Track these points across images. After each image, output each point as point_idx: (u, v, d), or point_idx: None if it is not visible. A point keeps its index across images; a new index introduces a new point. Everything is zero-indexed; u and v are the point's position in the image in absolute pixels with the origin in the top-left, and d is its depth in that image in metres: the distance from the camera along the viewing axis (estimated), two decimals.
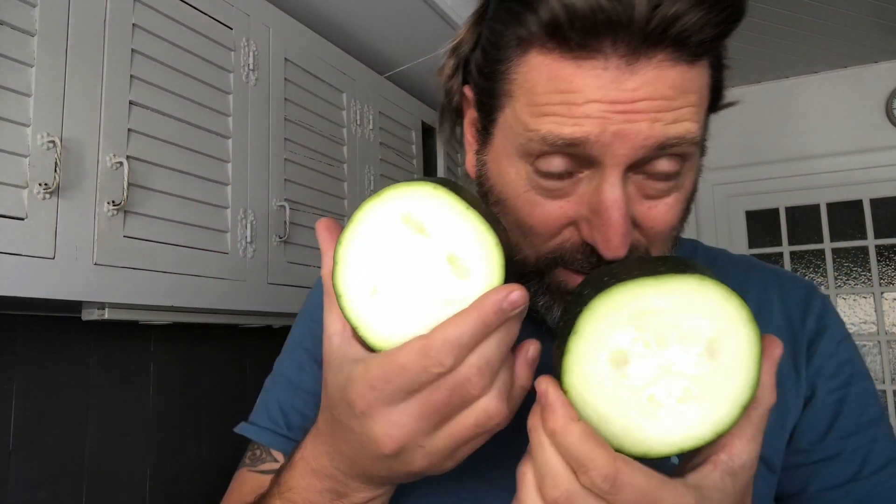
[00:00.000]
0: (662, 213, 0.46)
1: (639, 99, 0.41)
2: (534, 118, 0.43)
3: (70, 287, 0.90)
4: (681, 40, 0.41)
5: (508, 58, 0.45)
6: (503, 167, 0.47)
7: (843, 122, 2.90)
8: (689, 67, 0.43)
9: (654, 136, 0.42)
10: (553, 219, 0.45)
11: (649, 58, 0.41)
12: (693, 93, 0.43)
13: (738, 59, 2.77)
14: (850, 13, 2.41)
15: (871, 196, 2.85)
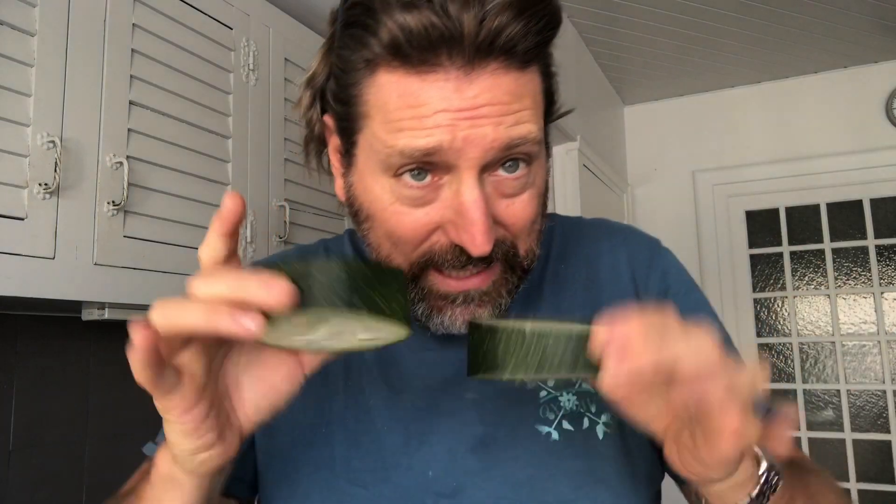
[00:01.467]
0: (521, 209, 0.50)
1: (480, 105, 0.45)
2: (390, 134, 0.46)
3: (70, 287, 0.90)
4: (508, 49, 0.45)
5: (359, 81, 0.48)
6: (368, 185, 0.50)
7: (843, 122, 2.90)
8: (521, 73, 0.47)
9: (500, 138, 0.46)
10: (420, 226, 0.49)
11: (483, 67, 0.45)
12: (528, 96, 0.48)
13: (738, 59, 2.77)
14: (850, 13, 2.41)
15: (871, 196, 2.85)
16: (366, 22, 0.46)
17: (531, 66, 0.48)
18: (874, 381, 2.78)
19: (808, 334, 2.90)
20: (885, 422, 2.74)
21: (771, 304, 2.98)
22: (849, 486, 2.76)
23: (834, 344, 2.85)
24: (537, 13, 0.45)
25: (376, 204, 0.50)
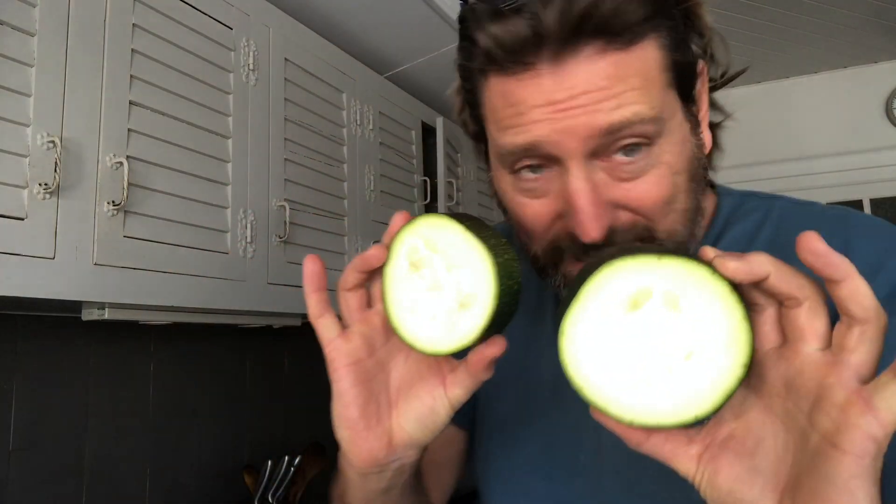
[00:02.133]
0: (645, 191, 0.48)
1: (576, 94, 0.44)
2: (498, 133, 0.49)
3: (70, 287, 0.90)
4: (600, 31, 0.44)
5: (476, 88, 0.53)
6: (498, 180, 0.55)
7: (843, 122, 2.90)
8: (625, 53, 0.45)
9: (598, 125, 0.45)
10: (542, 215, 0.50)
11: (575, 56, 0.44)
12: (634, 76, 0.45)
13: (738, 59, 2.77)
14: (850, 13, 2.41)
15: (871, 196, 2.85)
16: (470, 35, 0.49)
17: (638, 43, 0.45)
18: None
19: None
20: None
21: None
22: None
23: None
24: None
25: (506, 197, 0.54)
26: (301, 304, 1.36)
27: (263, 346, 1.76)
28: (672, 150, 0.49)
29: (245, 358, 1.70)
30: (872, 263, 0.50)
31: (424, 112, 1.91)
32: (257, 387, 1.73)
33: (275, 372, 1.79)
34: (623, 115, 0.45)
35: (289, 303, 1.31)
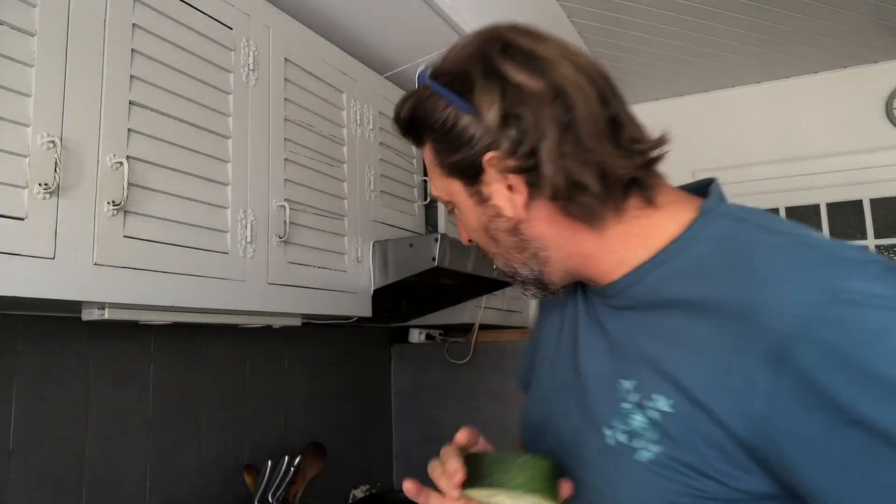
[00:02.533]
0: (463, 231, 0.73)
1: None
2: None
3: (70, 287, 0.90)
4: (403, 132, 0.70)
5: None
6: None
7: (843, 122, 2.90)
8: (422, 150, 0.69)
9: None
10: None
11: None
12: (429, 166, 0.69)
13: (738, 59, 2.77)
14: (850, 13, 2.41)
15: (871, 196, 2.85)
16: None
17: (423, 146, 0.69)
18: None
19: None
20: None
21: None
22: None
23: None
24: (396, 121, 0.70)
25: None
26: (301, 304, 1.36)
27: (263, 346, 1.76)
28: (464, 217, 0.69)
29: (245, 358, 1.70)
30: (772, 349, 0.49)
31: None
32: (257, 387, 1.73)
33: (275, 372, 1.79)
34: (432, 191, 0.71)
35: (289, 303, 1.31)
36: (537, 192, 0.61)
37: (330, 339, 2.02)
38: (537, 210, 0.63)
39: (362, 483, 2.13)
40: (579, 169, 0.59)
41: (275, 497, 1.57)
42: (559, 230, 0.63)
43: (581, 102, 0.59)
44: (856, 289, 0.48)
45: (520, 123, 0.59)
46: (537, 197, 0.62)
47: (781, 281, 0.51)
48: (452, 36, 1.64)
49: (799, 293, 0.49)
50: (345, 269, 1.49)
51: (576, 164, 0.59)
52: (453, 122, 0.62)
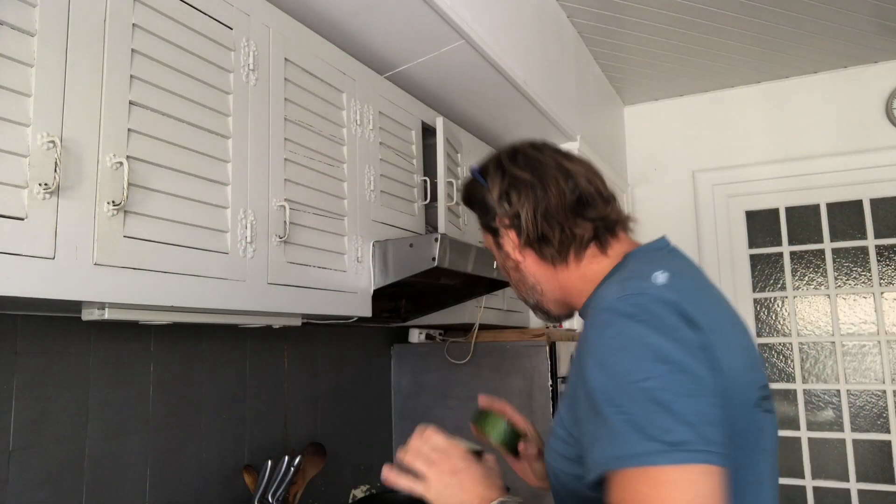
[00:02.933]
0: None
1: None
2: None
3: (70, 287, 0.90)
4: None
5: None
6: None
7: (843, 122, 2.90)
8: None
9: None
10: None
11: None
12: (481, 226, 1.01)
13: (738, 59, 2.77)
14: (850, 13, 2.41)
15: (871, 196, 2.85)
16: None
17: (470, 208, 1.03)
18: (874, 381, 2.78)
19: (808, 334, 2.90)
20: (885, 422, 2.74)
21: (771, 304, 2.98)
22: (849, 486, 2.76)
23: (834, 344, 2.85)
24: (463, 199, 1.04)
25: None
26: (301, 304, 1.36)
27: (263, 346, 1.76)
28: (497, 259, 1.01)
29: (245, 358, 1.70)
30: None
31: (424, 112, 1.91)
32: (257, 387, 1.73)
33: (275, 372, 1.79)
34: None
35: (289, 303, 1.31)
36: (523, 242, 0.93)
37: (330, 339, 2.02)
38: (527, 254, 0.94)
39: (362, 483, 2.13)
40: (546, 228, 0.90)
41: (275, 497, 1.57)
42: (543, 270, 0.94)
43: (553, 188, 0.90)
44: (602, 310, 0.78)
45: (510, 198, 0.92)
46: (524, 245, 0.93)
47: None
48: (452, 36, 1.64)
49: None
50: (345, 269, 1.49)
51: (544, 225, 0.90)
52: (482, 198, 0.96)
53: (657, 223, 3.15)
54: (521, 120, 2.25)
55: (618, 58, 2.81)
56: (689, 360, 0.68)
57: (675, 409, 0.64)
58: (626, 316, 0.71)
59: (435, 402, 2.31)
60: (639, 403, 0.66)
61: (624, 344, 0.70)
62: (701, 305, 0.75)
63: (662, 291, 0.73)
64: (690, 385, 0.66)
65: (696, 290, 0.80)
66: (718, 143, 3.12)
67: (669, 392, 0.65)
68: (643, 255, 0.89)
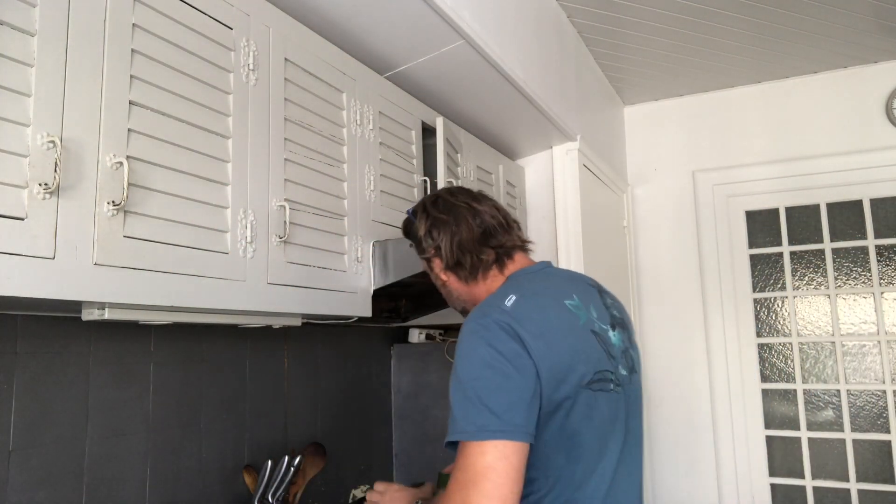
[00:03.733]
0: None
1: None
2: None
3: (70, 287, 0.90)
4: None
5: None
6: None
7: (843, 122, 2.90)
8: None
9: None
10: None
11: None
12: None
13: (738, 59, 2.77)
14: (850, 13, 2.41)
15: (871, 196, 2.85)
16: None
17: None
18: (874, 381, 2.78)
19: (808, 334, 2.90)
20: (885, 422, 2.74)
21: (771, 304, 2.98)
22: (849, 486, 2.76)
23: (834, 344, 2.85)
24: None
25: None
26: (301, 304, 1.36)
27: (263, 346, 1.76)
28: (434, 280, 1.30)
29: (245, 358, 1.71)
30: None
31: (424, 112, 1.91)
32: (257, 387, 1.73)
33: (275, 372, 1.79)
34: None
35: (289, 303, 1.31)
36: (444, 266, 1.24)
37: (330, 339, 2.02)
38: (449, 275, 1.25)
39: (362, 483, 2.13)
40: (461, 255, 1.20)
41: (275, 497, 1.57)
42: (461, 286, 1.24)
43: (464, 224, 1.21)
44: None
45: (433, 234, 1.23)
46: (446, 269, 1.24)
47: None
48: (452, 36, 1.64)
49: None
50: (345, 269, 1.49)
51: (459, 252, 1.20)
52: (415, 233, 1.27)
53: (657, 223, 3.14)
54: (521, 120, 2.25)
55: (618, 58, 2.81)
56: (506, 365, 0.97)
57: (487, 402, 0.95)
58: (471, 332, 1.02)
59: (435, 402, 2.31)
60: (467, 397, 0.97)
61: (466, 352, 1.01)
62: (532, 322, 1.02)
63: (501, 314, 1.02)
64: (504, 383, 0.96)
65: (535, 309, 1.06)
66: (718, 143, 3.12)
67: (486, 389, 0.96)
68: (516, 278, 1.18)
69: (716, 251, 3.04)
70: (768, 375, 2.94)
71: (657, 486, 3.04)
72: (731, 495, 2.91)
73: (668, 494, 3.02)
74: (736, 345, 2.98)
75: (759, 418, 2.92)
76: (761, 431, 2.91)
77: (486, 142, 2.35)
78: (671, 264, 3.12)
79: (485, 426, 0.94)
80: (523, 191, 2.61)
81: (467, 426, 0.96)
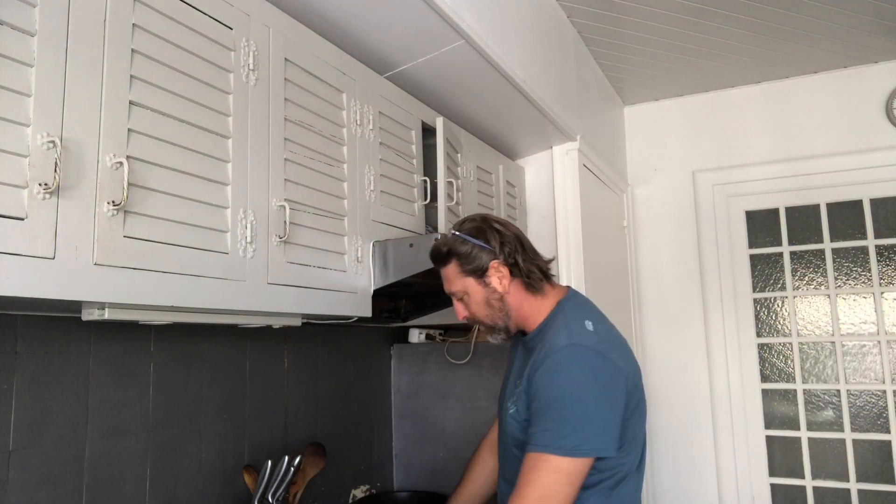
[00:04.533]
0: (468, 310, 1.40)
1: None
2: None
3: (70, 287, 0.90)
4: (434, 262, 1.42)
5: None
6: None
7: (843, 122, 2.90)
8: (444, 268, 1.40)
9: (448, 291, 1.41)
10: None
11: (440, 267, 1.42)
12: (452, 275, 1.38)
13: (738, 59, 2.77)
14: (850, 13, 2.41)
15: (871, 196, 2.85)
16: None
17: (447, 265, 1.38)
18: (874, 381, 2.78)
19: (808, 334, 2.90)
20: (885, 422, 2.74)
21: (771, 304, 2.98)
22: (849, 486, 2.76)
23: (834, 344, 2.85)
24: (433, 260, 1.43)
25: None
26: (301, 304, 1.36)
27: (263, 346, 1.76)
28: (473, 297, 1.36)
29: (245, 358, 1.71)
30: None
31: (424, 112, 1.91)
32: (257, 387, 1.73)
33: (275, 372, 1.79)
34: (448, 289, 1.40)
35: (289, 303, 1.31)
36: (515, 277, 1.34)
37: (330, 339, 2.02)
38: (513, 286, 1.35)
39: (362, 483, 2.13)
40: (530, 265, 1.35)
41: (275, 497, 1.57)
42: (520, 298, 1.35)
43: (524, 239, 1.39)
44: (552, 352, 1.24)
45: (506, 248, 1.34)
46: (513, 279, 1.34)
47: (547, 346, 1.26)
48: (452, 36, 1.64)
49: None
50: (345, 269, 1.49)
51: (529, 263, 1.35)
52: (467, 252, 1.34)
53: (657, 223, 3.14)
54: (521, 120, 2.25)
55: (618, 58, 2.81)
56: (601, 390, 1.18)
57: (579, 424, 1.16)
58: (569, 358, 1.19)
59: (435, 402, 2.31)
60: (562, 416, 1.16)
61: (570, 377, 1.18)
62: (613, 341, 1.28)
63: (592, 339, 1.22)
64: (599, 407, 1.18)
65: (610, 329, 1.32)
66: (718, 143, 3.12)
67: (585, 411, 1.16)
68: (570, 302, 1.35)
69: (716, 251, 3.04)
70: (768, 375, 2.94)
71: (657, 486, 3.04)
72: (731, 495, 2.91)
73: (669, 494, 3.02)
74: (736, 345, 2.98)
75: (759, 418, 2.92)
76: (761, 431, 2.91)
77: (486, 142, 2.34)
78: (671, 264, 3.12)
79: (577, 446, 1.15)
80: (523, 191, 2.61)
81: (557, 442, 1.16)
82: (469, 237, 1.34)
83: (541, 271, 1.36)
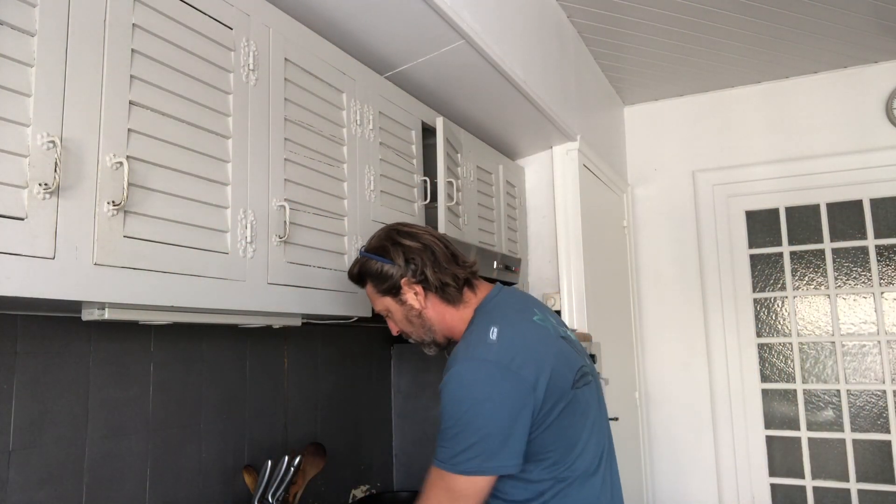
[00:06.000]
0: (393, 326, 1.35)
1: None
2: None
3: (70, 287, 0.90)
4: (354, 281, 1.37)
5: None
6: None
7: (842, 122, 2.90)
8: (366, 288, 1.35)
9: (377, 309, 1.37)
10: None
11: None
12: (371, 295, 1.34)
13: (738, 59, 2.77)
14: (850, 13, 2.41)
15: (871, 196, 2.85)
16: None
17: (365, 286, 1.34)
18: (874, 381, 2.78)
19: (808, 334, 2.90)
20: (885, 422, 2.74)
21: (771, 304, 2.98)
22: (849, 486, 2.76)
23: (834, 344, 2.85)
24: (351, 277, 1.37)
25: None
26: (301, 304, 1.36)
27: (263, 346, 1.76)
28: (395, 315, 1.32)
29: (245, 358, 1.71)
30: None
31: (424, 112, 1.91)
32: (257, 387, 1.73)
33: (275, 372, 1.79)
34: (374, 308, 1.36)
35: (289, 303, 1.31)
36: (427, 291, 1.27)
37: (330, 339, 2.02)
38: (429, 301, 1.28)
39: (362, 483, 2.13)
40: (442, 276, 1.26)
41: (275, 497, 1.57)
42: (440, 312, 1.29)
43: (437, 248, 1.28)
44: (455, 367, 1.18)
45: (413, 264, 1.26)
46: (429, 293, 1.27)
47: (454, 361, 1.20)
48: (452, 36, 1.64)
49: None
50: (345, 269, 1.49)
51: (441, 274, 1.26)
52: (377, 270, 1.28)
53: (657, 223, 3.14)
54: (521, 120, 2.25)
55: (618, 58, 2.81)
56: (497, 406, 1.11)
57: (473, 442, 1.10)
58: (463, 374, 1.15)
59: (435, 402, 2.31)
60: (455, 434, 1.11)
61: (464, 393, 1.13)
62: (519, 347, 1.15)
63: (490, 351, 1.14)
64: (495, 424, 1.10)
65: (518, 336, 1.18)
66: (718, 143, 3.12)
67: (478, 429, 1.10)
68: (485, 308, 1.27)
69: (716, 251, 3.04)
70: (768, 375, 2.94)
71: (657, 486, 3.04)
72: (731, 495, 2.91)
73: (669, 494, 3.02)
74: (736, 345, 2.98)
75: (759, 418, 2.92)
76: (761, 431, 2.91)
77: (486, 142, 2.34)
78: (671, 264, 3.12)
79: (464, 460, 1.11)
80: (523, 191, 2.61)
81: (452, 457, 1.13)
82: (374, 256, 1.28)
83: (457, 280, 1.26)
